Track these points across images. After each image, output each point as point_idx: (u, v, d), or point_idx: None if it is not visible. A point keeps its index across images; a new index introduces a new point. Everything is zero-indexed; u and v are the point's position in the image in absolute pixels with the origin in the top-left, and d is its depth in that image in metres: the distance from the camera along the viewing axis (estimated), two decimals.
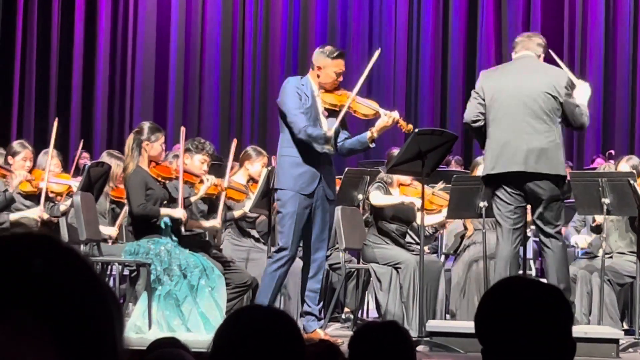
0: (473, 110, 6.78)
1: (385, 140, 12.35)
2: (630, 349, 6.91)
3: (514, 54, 6.92)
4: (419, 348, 6.46)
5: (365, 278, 8.21)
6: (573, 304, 6.89)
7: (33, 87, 14.23)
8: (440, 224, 8.62)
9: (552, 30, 14.18)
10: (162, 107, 14.90)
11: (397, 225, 8.04)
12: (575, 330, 2.21)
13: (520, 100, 6.61)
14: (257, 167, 8.20)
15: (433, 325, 6.94)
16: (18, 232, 1.16)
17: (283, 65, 15.00)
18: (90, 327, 1.07)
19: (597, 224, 7.94)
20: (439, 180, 8.57)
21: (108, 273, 7.64)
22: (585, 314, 7.66)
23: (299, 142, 6.59)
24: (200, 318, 6.97)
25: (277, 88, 8.52)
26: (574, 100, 6.67)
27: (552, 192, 6.61)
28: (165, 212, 7.27)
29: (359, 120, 7.11)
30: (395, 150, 8.06)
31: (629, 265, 7.69)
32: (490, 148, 6.70)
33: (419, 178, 7.27)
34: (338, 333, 7.44)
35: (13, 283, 1.05)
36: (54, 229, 7.67)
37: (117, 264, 7.34)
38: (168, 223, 7.32)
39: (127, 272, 7.48)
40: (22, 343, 1.04)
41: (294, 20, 15.40)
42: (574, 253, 8.69)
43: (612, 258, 7.84)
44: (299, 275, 6.91)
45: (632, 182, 7.25)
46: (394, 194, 8.05)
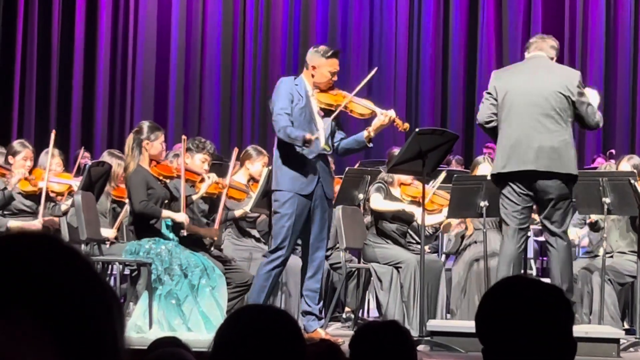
0: (486, 111, 6.75)
1: (386, 140, 12.35)
2: (631, 349, 6.91)
3: (527, 54, 6.89)
4: (420, 348, 6.45)
5: (366, 278, 8.21)
6: (575, 304, 6.87)
7: (34, 86, 14.21)
8: (446, 229, 8.54)
9: (552, 31, 14.11)
10: (162, 106, 14.89)
11: (397, 225, 8.03)
12: (576, 330, 2.21)
13: (532, 99, 6.59)
14: (257, 166, 8.19)
15: (434, 325, 6.93)
16: (18, 231, 1.16)
17: (284, 65, 14.99)
18: (91, 326, 1.07)
19: (590, 221, 7.94)
20: (439, 174, 8.44)
21: (109, 272, 7.64)
22: (586, 314, 7.65)
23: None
24: (201, 317, 6.96)
25: None
26: (586, 99, 6.66)
27: (561, 191, 6.60)
28: (168, 214, 7.25)
29: (359, 121, 7.09)
30: (396, 150, 8.05)
31: (630, 265, 7.68)
32: (501, 147, 6.67)
33: (420, 178, 7.27)
34: (339, 333, 7.44)
35: (13, 282, 1.05)
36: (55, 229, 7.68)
37: (117, 264, 7.34)
38: (169, 223, 7.32)
39: (127, 271, 7.48)
40: (21, 343, 1.03)
41: (295, 20, 15.39)
42: (575, 252, 8.68)
43: (612, 257, 7.83)
44: (300, 274, 6.90)
45: (632, 181, 7.25)
46: (395, 194, 8.04)
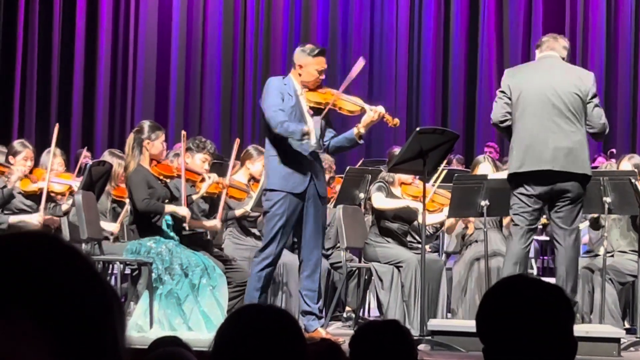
0: (500, 111, 6.72)
1: (387, 140, 12.36)
2: (632, 348, 6.91)
3: (538, 53, 6.86)
4: (420, 347, 6.45)
5: (367, 277, 8.20)
6: (576, 304, 6.86)
7: (34, 86, 14.21)
8: (450, 230, 8.52)
9: (553, 30, 14.04)
10: (163, 106, 14.90)
11: (398, 224, 8.03)
12: (577, 329, 2.21)
13: (547, 99, 6.57)
14: (258, 166, 8.18)
15: (434, 324, 6.93)
16: (18, 231, 1.16)
17: (284, 65, 14.98)
18: (91, 326, 1.07)
19: (592, 218, 7.94)
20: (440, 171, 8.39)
21: (109, 272, 7.64)
22: (587, 313, 7.65)
23: (284, 140, 6.50)
24: (202, 317, 6.96)
25: None
26: (597, 100, 6.67)
27: (577, 191, 6.59)
28: (170, 208, 7.26)
29: (353, 118, 7.05)
30: (397, 149, 8.05)
31: (631, 264, 7.68)
32: (517, 146, 6.63)
33: (421, 177, 7.26)
34: (339, 332, 7.44)
35: (13, 282, 1.05)
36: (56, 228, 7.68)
37: (118, 263, 7.34)
38: (169, 222, 7.32)
39: (128, 271, 7.48)
40: (21, 342, 1.03)
41: (295, 20, 15.40)
42: None
43: (613, 257, 7.83)
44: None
45: (633, 181, 7.25)
46: (396, 193, 8.04)
